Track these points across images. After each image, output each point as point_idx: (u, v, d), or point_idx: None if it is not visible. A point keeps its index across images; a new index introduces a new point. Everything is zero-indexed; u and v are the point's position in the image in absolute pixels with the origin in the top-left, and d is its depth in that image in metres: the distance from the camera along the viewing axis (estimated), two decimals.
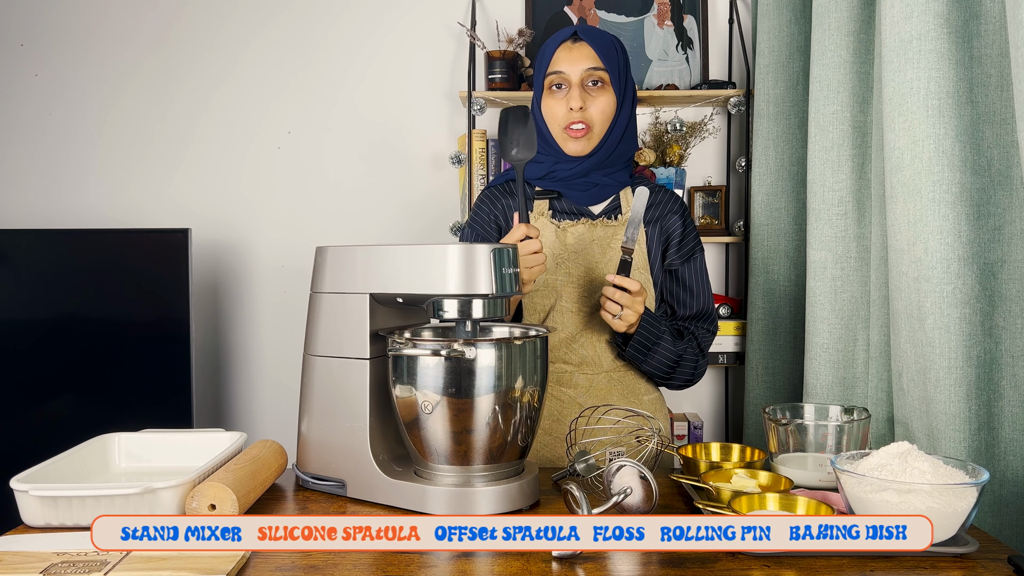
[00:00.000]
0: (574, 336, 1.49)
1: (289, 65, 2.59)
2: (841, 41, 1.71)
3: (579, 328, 1.49)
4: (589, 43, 1.46)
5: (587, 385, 1.49)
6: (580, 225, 1.50)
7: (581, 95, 1.45)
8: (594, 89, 1.46)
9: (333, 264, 1.19)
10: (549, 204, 1.52)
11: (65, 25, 2.59)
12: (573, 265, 1.49)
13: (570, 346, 1.49)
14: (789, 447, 1.22)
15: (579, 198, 1.52)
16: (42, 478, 1.08)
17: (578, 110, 1.45)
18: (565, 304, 1.48)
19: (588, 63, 1.45)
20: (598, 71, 1.45)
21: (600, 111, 1.47)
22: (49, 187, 2.60)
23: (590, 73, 1.45)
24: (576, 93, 1.45)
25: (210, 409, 2.62)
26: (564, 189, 1.52)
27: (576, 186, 1.51)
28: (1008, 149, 1.37)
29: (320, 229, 2.59)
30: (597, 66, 1.45)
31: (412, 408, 1.10)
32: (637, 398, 1.52)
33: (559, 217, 1.52)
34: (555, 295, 1.49)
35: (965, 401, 1.36)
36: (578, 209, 1.52)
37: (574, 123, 1.46)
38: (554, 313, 1.49)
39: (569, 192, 1.52)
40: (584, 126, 1.46)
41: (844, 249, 1.73)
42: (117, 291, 2.31)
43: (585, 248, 1.49)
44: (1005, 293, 1.37)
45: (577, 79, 1.45)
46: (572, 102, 1.44)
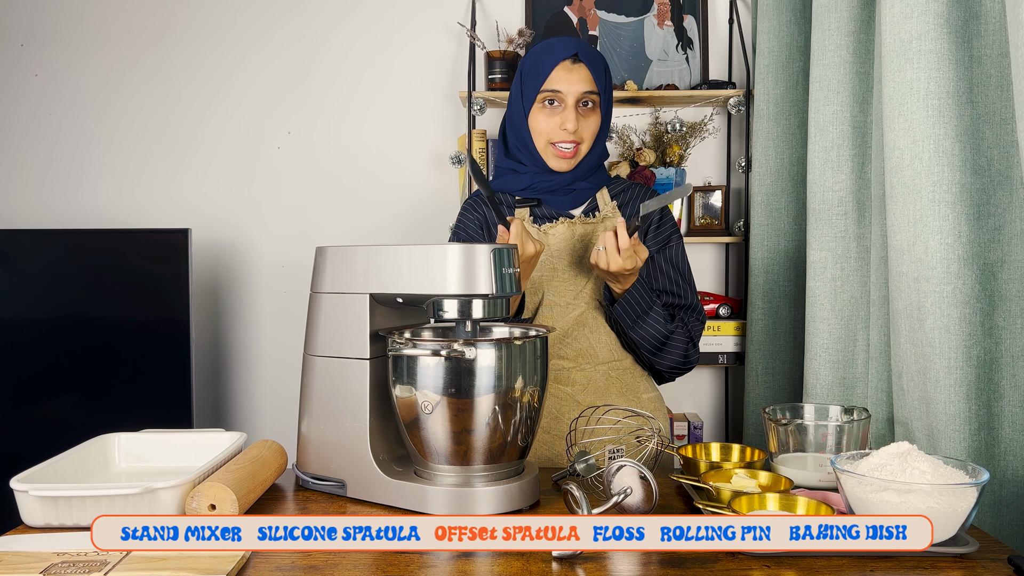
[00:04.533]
0: (566, 331, 1.50)
1: (289, 65, 2.59)
2: (841, 41, 1.71)
3: (570, 323, 1.50)
4: (588, 66, 1.48)
5: (585, 382, 1.49)
6: (560, 225, 1.53)
7: (576, 117, 1.47)
8: (585, 110, 1.49)
9: (333, 264, 1.19)
10: (530, 211, 1.55)
11: (65, 25, 2.59)
12: (557, 261, 1.51)
13: (563, 340, 1.50)
14: (789, 447, 1.22)
15: (559, 203, 1.55)
16: (42, 478, 1.08)
17: (572, 132, 1.47)
18: (553, 299, 1.51)
19: (585, 86, 1.47)
20: (592, 95, 1.48)
21: (590, 132, 1.50)
22: (49, 187, 2.60)
23: (585, 96, 1.48)
24: (572, 115, 1.47)
25: (210, 409, 2.62)
26: (545, 197, 1.55)
27: (556, 193, 1.55)
28: (1008, 149, 1.37)
29: (320, 229, 2.59)
30: (592, 90, 1.48)
31: (412, 408, 1.10)
32: (636, 396, 1.52)
33: (539, 222, 1.55)
34: (540, 291, 1.51)
35: (965, 401, 1.36)
36: (557, 213, 1.55)
37: (564, 142, 1.48)
38: (543, 309, 1.51)
39: (549, 199, 1.55)
40: (574, 146, 1.49)
41: (844, 249, 1.73)
42: (117, 291, 2.31)
43: (567, 245, 1.52)
44: (1005, 293, 1.37)
45: (573, 101, 1.47)
46: (568, 123, 1.47)
